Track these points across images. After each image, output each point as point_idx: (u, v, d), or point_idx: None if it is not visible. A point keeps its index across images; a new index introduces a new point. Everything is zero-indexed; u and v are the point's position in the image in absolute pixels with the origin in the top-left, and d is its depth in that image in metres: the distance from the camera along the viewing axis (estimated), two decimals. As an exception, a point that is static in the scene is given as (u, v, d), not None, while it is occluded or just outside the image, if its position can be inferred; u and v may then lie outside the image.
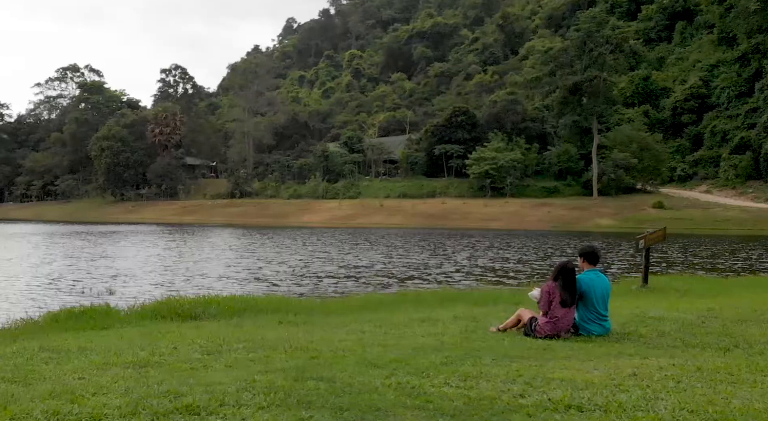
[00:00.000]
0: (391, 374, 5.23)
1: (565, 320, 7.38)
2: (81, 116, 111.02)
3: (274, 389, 4.60)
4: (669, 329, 7.63)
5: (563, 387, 4.76)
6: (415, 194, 79.84)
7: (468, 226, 62.76)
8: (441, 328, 8.31)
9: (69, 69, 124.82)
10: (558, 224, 61.74)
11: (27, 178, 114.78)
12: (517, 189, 75.56)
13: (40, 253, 32.93)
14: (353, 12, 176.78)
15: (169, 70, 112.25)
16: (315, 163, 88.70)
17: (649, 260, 13.98)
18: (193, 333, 8.23)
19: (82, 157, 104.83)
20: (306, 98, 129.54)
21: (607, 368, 5.49)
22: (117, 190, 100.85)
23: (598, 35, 71.49)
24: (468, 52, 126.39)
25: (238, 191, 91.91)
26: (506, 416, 4.10)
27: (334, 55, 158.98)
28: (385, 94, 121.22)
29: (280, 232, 54.37)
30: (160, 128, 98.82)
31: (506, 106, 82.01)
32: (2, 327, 10.50)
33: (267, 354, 6.40)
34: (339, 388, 4.71)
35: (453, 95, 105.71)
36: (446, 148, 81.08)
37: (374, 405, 4.22)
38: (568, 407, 4.26)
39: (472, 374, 5.22)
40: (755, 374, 5.25)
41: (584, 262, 7.77)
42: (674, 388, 4.77)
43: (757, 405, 4.29)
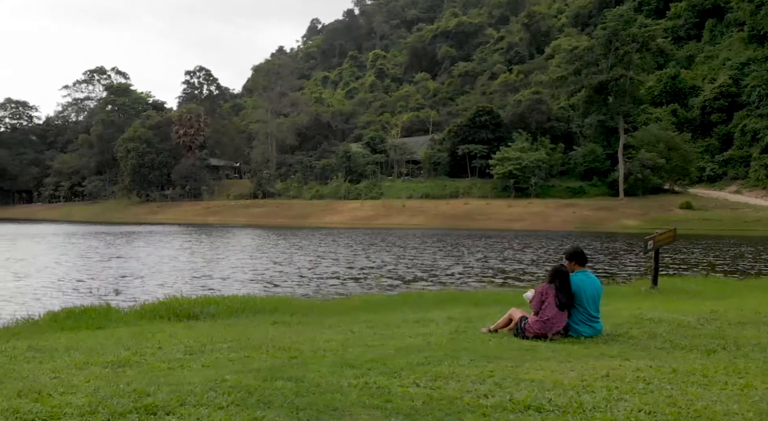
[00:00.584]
0: (364, 374, 5.29)
1: (557, 321, 7.38)
2: (107, 118, 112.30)
3: (240, 389, 4.66)
4: (662, 331, 7.57)
5: (530, 388, 4.80)
6: (438, 195, 79.35)
7: (491, 227, 62.16)
8: (432, 329, 8.27)
9: (96, 71, 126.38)
10: (583, 224, 60.88)
11: (55, 180, 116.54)
12: (542, 189, 74.72)
13: (55, 253, 33.15)
14: (377, 12, 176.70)
15: (194, 71, 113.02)
16: (337, 164, 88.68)
17: (659, 261, 13.69)
18: (183, 333, 8.25)
19: (109, 158, 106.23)
20: (329, 99, 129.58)
21: (583, 369, 5.50)
22: (142, 191, 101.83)
23: (624, 34, 70.34)
24: (493, 52, 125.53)
25: (260, 192, 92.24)
26: (460, 415, 4.13)
27: (358, 55, 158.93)
28: (408, 94, 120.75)
29: (298, 232, 54.35)
30: (184, 129, 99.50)
31: (531, 106, 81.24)
32: (2, 326, 10.53)
33: (248, 354, 6.43)
34: (304, 388, 4.77)
35: (477, 95, 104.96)
36: (470, 148, 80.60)
37: (332, 405, 4.29)
38: (527, 408, 4.30)
39: (443, 375, 5.26)
40: (731, 376, 5.25)
41: (573, 263, 7.77)
42: (642, 389, 4.78)
43: (718, 407, 4.32)
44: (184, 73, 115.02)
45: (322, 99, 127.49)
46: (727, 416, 4.16)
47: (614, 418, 4.11)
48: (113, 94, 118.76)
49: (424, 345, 6.92)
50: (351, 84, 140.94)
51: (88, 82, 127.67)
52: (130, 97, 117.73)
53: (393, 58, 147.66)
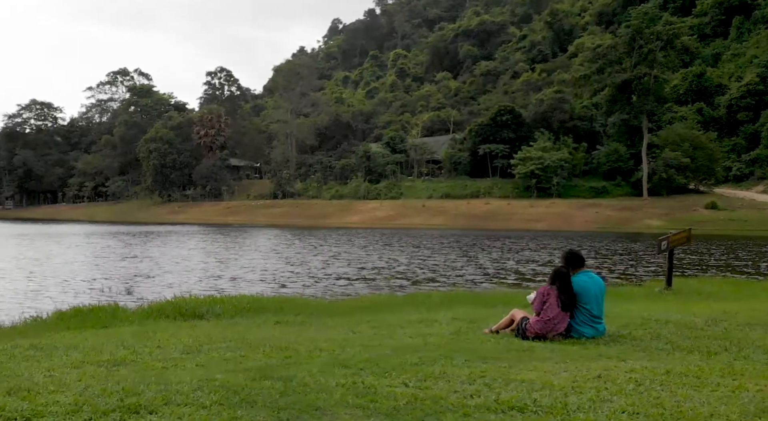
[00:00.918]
0: (354, 374, 5.30)
1: (558, 321, 7.36)
2: (130, 119, 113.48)
3: (228, 388, 4.69)
4: (666, 332, 7.48)
5: (519, 389, 4.79)
6: (459, 195, 78.87)
7: (512, 227, 61.63)
8: (434, 329, 8.20)
9: (119, 73, 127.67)
10: (605, 224, 60.10)
11: (79, 180, 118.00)
12: (564, 189, 73.86)
13: (71, 252, 33.53)
14: (399, 11, 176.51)
15: (215, 72, 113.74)
16: (357, 164, 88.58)
17: (673, 261, 13.46)
18: (186, 332, 8.23)
19: (132, 159, 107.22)
20: (349, 99, 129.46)
21: (576, 370, 5.47)
22: (164, 191, 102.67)
23: (648, 31, 69.30)
24: (515, 50, 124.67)
25: (280, 192, 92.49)
26: (441, 415, 4.14)
27: (379, 55, 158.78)
28: (429, 93, 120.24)
29: (315, 233, 54.43)
30: (205, 130, 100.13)
31: (553, 105, 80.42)
32: (11, 325, 10.67)
33: (244, 354, 6.43)
34: (291, 387, 4.79)
35: (500, 94, 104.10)
36: (491, 148, 79.97)
37: (315, 404, 4.31)
38: (511, 408, 4.30)
39: (434, 375, 5.26)
40: (725, 378, 5.19)
41: (570, 267, 7.69)
42: (631, 391, 4.75)
43: (704, 409, 4.29)
44: (205, 74, 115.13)
45: (342, 99, 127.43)
46: (712, 417, 4.13)
47: (596, 419, 4.10)
48: (136, 96, 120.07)
49: (422, 345, 6.86)
50: (371, 84, 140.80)
51: (112, 83, 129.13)
52: (153, 99, 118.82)
53: (414, 58, 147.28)
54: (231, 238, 47.54)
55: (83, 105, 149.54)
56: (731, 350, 6.46)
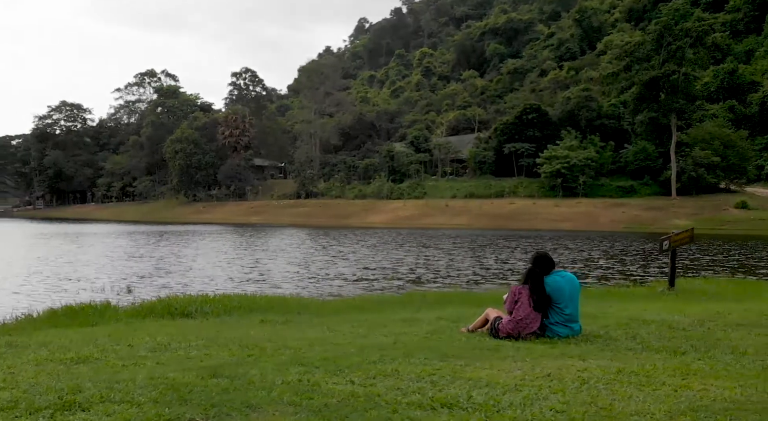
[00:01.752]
0: (307, 371, 5.33)
1: (530, 321, 7.30)
2: (157, 120, 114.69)
3: (172, 386, 4.74)
4: (644, 333, 7.45)
5: (461, 386, 4.82)
6: (483, 194, 78.18)
7: (536, 227, 60.90)
8: (413, 328, 8.21)
9: (147, 74, 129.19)
10: (632, 224, 58.97)
11: (107, 180, 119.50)
12: (591, 189, 72.89)
13: (83, 251, 33.88)
14: (426, 10, 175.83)
15: (240, 73, 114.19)
16: (380, 164, 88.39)
17: (675, 261, 13.21)
18: (165, 330, 8.28)
19: (158, 159, 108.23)
20: (374, 98, 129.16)
21: (531, 368, 5.50)
22: (189, 191, 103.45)
23: (677, 28, 67.84)
24: (543, 48, 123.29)
25: (304, 192, 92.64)
26: (366, 412, 4.17)
27: (405, 54, 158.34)
28: (455, 92, 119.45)
29: (331, 232, 54.35)
30: (230, 130, 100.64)
31: (580, 103, 79.38)
32: (0, 322, 10.69)
33: (209, 352, 6.45)
34: (235, 385, 4.82)
35: (527, 92, 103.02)
36: (516, 147, 79.42)
37: (249, 402, 4.34)
38: (442, 406, 4.33)
39: (385, 373, 5.30)
40: (675, 377, 5.19)
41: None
42: (573, 389, 4.76)
43: (633, 407, 4.30)
44: (230, 74, 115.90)
45: (367, 98, 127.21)
46: (636, 415, 4.13)
47: (520, 415, 4.12)
48: (163, 97, 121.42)
49: (390, 344, 6.86)
50: (397, 83, 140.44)
51: (139, 84, 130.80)
52: (179, 99, 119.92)
53: (440, 56, 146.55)
54: (246, 238, 47.61)
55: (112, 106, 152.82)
56: (699, 350, 6.40)
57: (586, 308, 10.01)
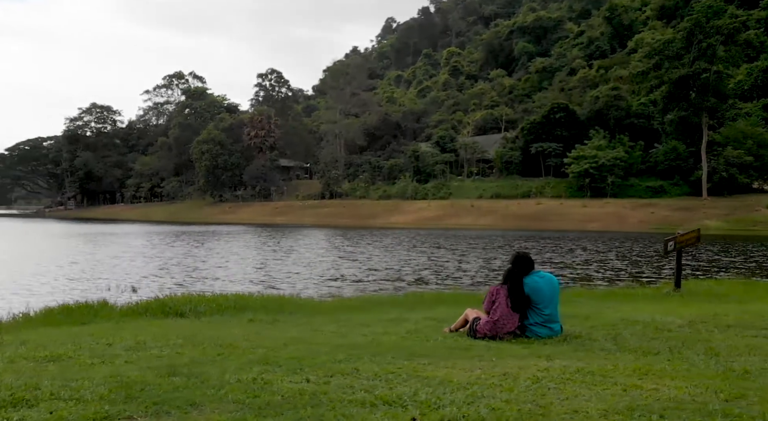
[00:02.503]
0: (267, 370, 5.37)
1: (506, 322, 7.30)
2: (184, 121, 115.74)
3: (127, 384, 4.78)
4: (628, 334, 7.44)
5: (413, 385, 4.84)
6: (509, 195, 77.30)
7: (563, 227, 59.88)
8: (396, 328, 8.24)
9: (175, 76, 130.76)
10: (661, 225, 57.40)
11: (136, 181, 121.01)
12: (620, 189, 71.58)
13: (99, 250, 34.40)
14: (454, 9, 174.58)
15: (265, 74, 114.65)
16: (405, 164, 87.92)
17: (681, 262, 12.97)
18: (151, 329, 8.38)
19: (186, 160, 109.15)
20: (401, 98, 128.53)
21: (491, 367, 5.52)
22: (216, 191, 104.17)
23: (708, 26, 66.00)
24: (572, 47, 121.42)
25: (328, 192, 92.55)
26: (304, 409, 4.19)
27: (433, 53, 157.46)
28: (483, 91, 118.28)
29: (350, 233, 54.11)
30: (255, 131, 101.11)
31: (609, 102, 77.90)
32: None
33: (182, 351, 6.48)
34: (189, 383, 4.86)
35: (555, 91, 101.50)
36: (543, 147, 78.48)
37: (193, 400, 4.36)
38: (384, 403, 4.34)
39: (345, 371, 5.34)
40: (631, 377, 5.17)
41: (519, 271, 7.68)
42: (522, 388, 4.77)
43: (571, 405, 4.29)
44: (256, 75, 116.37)
45: (393, 98, 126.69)
46: (570, 413, 4.11)
47: (452, 412, 4.12)
48: (190, 98, 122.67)
49: (365, 344, 6.91)
50: (424, 82, 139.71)
51: (167, 86, 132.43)
52: (206, 101, 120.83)
53: (468, 56, 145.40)
54: (262, 238, 47.53)
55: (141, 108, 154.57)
56: (673, 351, 6.36)
57: (584, 308, 10.01)
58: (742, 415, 4.05)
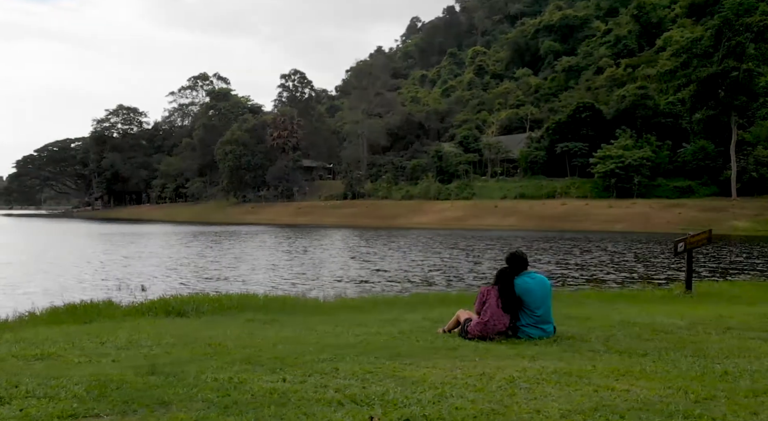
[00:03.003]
0: (248, 369, 5.44)
1: (496, 322, 7.27)
2: (209, 122, 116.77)
3: (104, 382, 4.83)
4: (622, 335, 7.43)
5: (386, 384, 4.88)
6: (534, 195, 76.58)
7: (588, 228, 59.10)
8: (390, 328, 8.24)
9: (199, 78, 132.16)
10: (688, 226, 56.05)
11: (162, 181, 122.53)
12: (647, 189, 70.49)
13: (116, 250, 34.87)
14: (479, 8, 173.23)
15: (289, 75, 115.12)
16: (428, 164, 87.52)
17: (692, 263, 12.80)
18: (147, 328, 8.40)
19: (210, 161, 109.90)
20: (425, 98, 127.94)
21: (471, 367, 5.55)
22: (239, 192, 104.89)
23: (737, 23, 64.53)
24: (599, 45, 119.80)
25: (350, 192, 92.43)
26: (268, 407, 4.23)
27: (458, 52, 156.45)
28: (508, 91, 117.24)
29: (368, 233, 53.94)
30: (278, 132, 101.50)
31: (636, 101, 76.65)
32: (3, 319, 10.84)
33: (170, 350, 6.55)
34: (165, 382, 4.93)
35: (582, 90, 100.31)
36: (569, 146, 77.64)
37: (163, 399, 4.42)
38: (351, 402, 4.38)
39: (324, 371, 5.38)
40: (609, 378, 5.17)
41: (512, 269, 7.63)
42: (495, 388, 4.80)
43: (534, 406, 4.30)
44: (279, 76, 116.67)
45: (417, 98, 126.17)
46: (531, 413, 4.16)
47: (414, 411, 4.16)
48: (214, 99, 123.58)
49: (355, 344, 6.95)
50: (449, 82, 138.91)
51: (192, 88, 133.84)
52: (230, 102, 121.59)
53: (494, 55, 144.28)
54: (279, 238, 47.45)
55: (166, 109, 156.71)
56: (662, 353, 6.32)
57: (589, 310, 9.93)
58: (703, 415, 4.10)
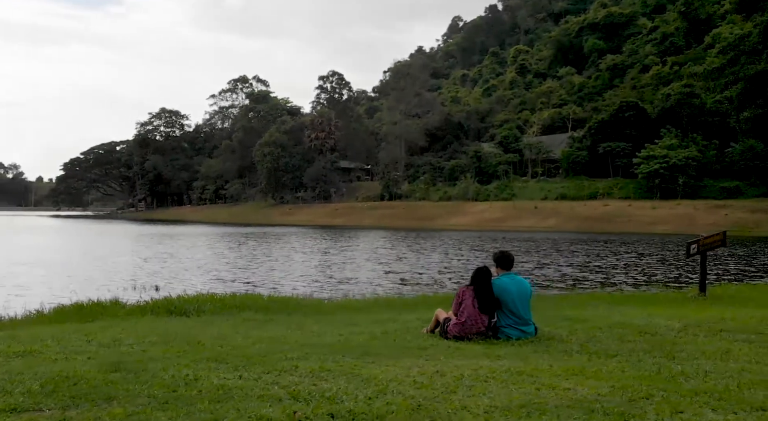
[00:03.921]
0: (207, 367, 5.50)
1: (474, 322, 7.28)
2: (248, 124, 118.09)
3: (65, 379, 4.98)
4: (604, 337, 7.41)
5: (335, 381, 5.00)
6: (575, 196, 75.19)
7: (630, 230, 57.69)
8: (378, 327, 8.30)
9: (239, 80, 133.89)
10: (734, 227, 54.26)
11: (202, 183, 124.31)
12: (692, 190, 68.53)
13: (144, 249, 35.50)
14: (522, 6, 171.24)
15: (327, 76, 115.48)
16: (467, 165, 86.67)
17: (706, 265, 12.52)
18: (139, 327, 8.49)
19: (249, 162, 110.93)
20: (465, 97, 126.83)
21: (430, 366, 5.62)
22: (277, 193, 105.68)
23: (787, 19, 62.14)
24: (645, 43, 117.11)
25: (387, 194, 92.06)
26: (202, 403, 4.34)
27: (500, 51, 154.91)
28: (551, 90, 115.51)
29: (403, 234, 53.92)
30: (315, 133, 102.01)
31: (681, 100, 74.45)
32: (12, 317, 11.04)
33: (147, 348, 6.66)
34: (123, 378, 5.05)
35: (627, 89, 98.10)
36: (612, 146, 76.14)
37: (111, 394, 4.54)
38: (290, 397, 4.49)
39: (283, 369, 5.48)
40: (559, 377, 5.22)
41: (497, 268, 7.63)
42: (438, 386, 4.89)
43: (468, 402, 4.40)
44: (317, 78, 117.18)
45: (458, 98, 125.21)
46: (457, 410, 4.24)
47: (339, 406, 4.27)
48: (253, 102, 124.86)
49: (332, 343, 7.03)
50: (490, 81, 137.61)
51: (232, 90, 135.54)
52: (269, 104, 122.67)
53: (537, 53, 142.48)
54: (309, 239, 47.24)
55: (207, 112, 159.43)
56: (632, 354, 6.33)
57: (591, 311, 9.82)
58: (624, 413, 4.17)
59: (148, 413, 4.10)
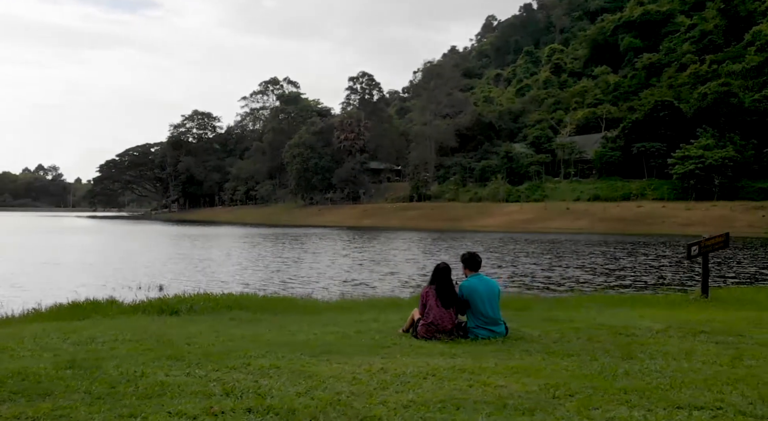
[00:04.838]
0: (162, 365, 5.60)
1: (441, 321, 7.30)
2: (278, 126, 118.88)
3: (16, 374, 5.16)
4: (574, 337, 7.39)
5: (278, 378, 5.13)
6: (608, 197, 74.01)
7: (663, 231, 56.53)
8: (354, 327, 8.31)
9: (270, 82, 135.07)
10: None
11: (233, 184, 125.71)
12: (729, 190, 66.97)
13: (162, 251, 35.93)
14: (557, 5, 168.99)
15: (357, 77, 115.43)
16: (498, 165, 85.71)
17: (708, 267, 12.24)
18: (121, 325, 8.52)
19: (279, 164, 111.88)
20: (498, 97, 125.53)
21: (378, 364, 5.70)
22: (306, 194, 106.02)
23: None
24: (683, 41, 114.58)
25: (417, 195, 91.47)
26: (130, 397, 4.50)
27: (534, 51, 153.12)
28: (586, 89, 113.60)
29: (427, 235, 53.96)
30: (345, 134, 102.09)
31: (718, 99, 72.54)
32: (9, 315, 11.14)
33: (116, 346, 6.77)
34: (73, 375, 5.18)
35: (664, 88, 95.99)
36: (646, 146, 74.71)
37: (48, 390, 4.69)
38: (224, 393, 4.62)
39: (234, 366, 5.57)
40: (497, 375, 5.29)
41: (465, 269, 7.69)
42: (375, 381, 5.04)
43: (401, 398, 4.54)
44: (347, 79, 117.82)
45: (490, 98, 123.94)
46: (374, 405, 4.35)
47: (264, 402, 4.36)
48: (284, 103, 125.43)
49: (301, 342, 7.10)
50: (524, 81, 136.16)
51: (263, 92, 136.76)
52: (299, 105, 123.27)
53: (572, 52, 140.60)
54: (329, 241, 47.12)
55: (238, 114, 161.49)
56: (591, 354, 6.32)
57: (581, 313, 9.76)
58: (533, 409, 4.27)
59: (74, 408, 4.23)
